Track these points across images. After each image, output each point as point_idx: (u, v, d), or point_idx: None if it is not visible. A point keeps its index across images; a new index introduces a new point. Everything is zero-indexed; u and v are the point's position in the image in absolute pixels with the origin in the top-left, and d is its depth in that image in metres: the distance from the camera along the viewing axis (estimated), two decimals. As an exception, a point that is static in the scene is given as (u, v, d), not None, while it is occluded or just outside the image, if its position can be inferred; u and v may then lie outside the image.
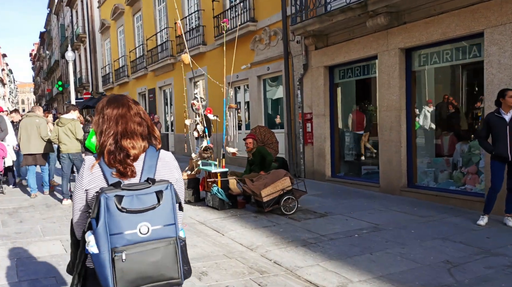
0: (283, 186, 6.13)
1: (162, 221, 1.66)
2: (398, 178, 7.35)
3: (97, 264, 1.60)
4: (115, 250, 1.58)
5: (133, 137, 1.78)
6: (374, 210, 6.31)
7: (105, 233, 1.59)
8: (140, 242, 1.61)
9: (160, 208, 1.66)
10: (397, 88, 7.26)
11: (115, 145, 1.76)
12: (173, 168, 1.89)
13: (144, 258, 1.60)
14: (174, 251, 1.66)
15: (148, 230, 1.62)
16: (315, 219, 5.86)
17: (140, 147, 1.79)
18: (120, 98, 1.89)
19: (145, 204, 1.65)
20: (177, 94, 16.82)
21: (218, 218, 6.13)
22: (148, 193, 1.67)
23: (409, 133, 7.29)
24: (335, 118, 9.21)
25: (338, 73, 9.01)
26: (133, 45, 21.37)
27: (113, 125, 1.80)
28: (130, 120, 1.81)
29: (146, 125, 1.85)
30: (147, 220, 1.63)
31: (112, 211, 1.60)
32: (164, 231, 1.66)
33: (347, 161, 9.47)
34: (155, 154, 1.83)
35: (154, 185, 1.70)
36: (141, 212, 1.63)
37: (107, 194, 1.62)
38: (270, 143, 7.41)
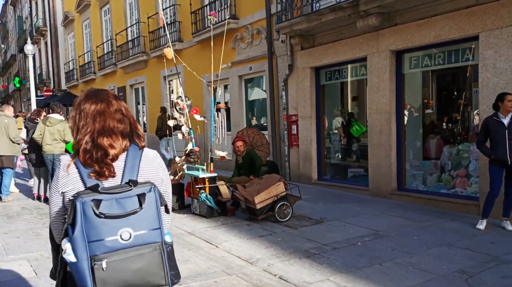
0: (276, 192, 5.87)
1: (145, 226, 1.56)
2: (388, 181, 7.26)
3: (75, 273, 1.50)
4: (95, 258, 1.48)
5: (111, 135, 1.67)
6: (369, 215, 6.16)
7: (82, 240, 1.49)
8: (122, 248, 1.51)
9: (142, 212, 1.56)
10: (387, 91, 7.16)
11: (92, 144, 1.65)
12: (158, 168, 1.77)
13: (126, 266, 1.51)
14: (160, 256, 1.57)
15: (130, 236, 1.53)
16: (311, 226, 5.63)
17: (120, 146, 1.67)
18: (99, 93, 1.77)
19: (126, 208, 1.54)
20: (150, 93, 16.20)
21: (208, 227, 5.78)
22: (129, 196, 1.56)
23: (399, 136, 7.22)
24: (321, 120, 9.04)
25: (325, 74, 8.85)
26: (101, 40, 20.43)
27: (90, 122, 1.67)
28: (109, 117, 1.70)
29: (129, 123, 1.74)
30: (129, 225, 1.53)
31: (90, 217, 1.50)
32: (149, 236, 1.56)
33: (333, 164, 9.33)
34: (138, 153, 1.72)
35: (136, 187, 1.59)
36: (122, 217, 1.53)
37: (83, 198, 1.51)
38: (260, 145, 7.12)
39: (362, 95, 8.83)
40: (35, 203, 7.77)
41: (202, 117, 6.48)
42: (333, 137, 9.27)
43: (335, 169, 9.34)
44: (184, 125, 6.47)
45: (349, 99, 9.33)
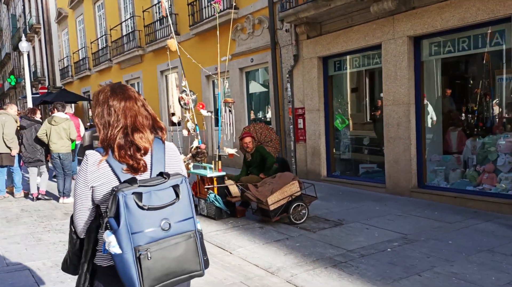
0: (291, 191, 5.36)
1: (181, 216, 1.63)
2: (407, 178, 6.76)
3: (120, 264, 1.53)
4: (139, 248, 1.53)
5: (143, 131, 1.72)
6: (392, 215, 5.66)
7: (127, 232, 1.53)
8: (162, 238, 1.57)
9: (178, 202, 1.62)
10: (405, 80, 6.64)
11: (125, 139, 1.69)
12: (179, 160, 1.86)
13: (167, 254, 1.57)
14: (195, 244, 1.64)
15: (170, 226, 1.59)
16: (331, 229, 5.13)
17: (149, 140, 1.74)
18: (125, 89, 1.80)
19: (163, 199, 1.60)
20: (146, 88, 15.63)
21: (218, 230, 5.26)
22: (165, 188, 1.62)
23: (418, 129, 6.71)
24: (330, 113, 8.53)
25: (333, 64, 8.32)
26: (95, 35, 19.82)
27: (121, 118, 1.71)
28: (138, 113, 1.75)
29: (152, 116, 1.80)
30: (167, 216, 1.60)
31: (132, 210, 1.54)
32: (184, 225, 1.63)
33: (342, 159, 8.82)
34: (162, 146, 1.79)
35: (169, 179, 1.64)
36: (161, 208, 1.59)
37: (124, 191, 1.55)
38: (269, 140, 6.59)
39: (375, 85, 8.32)
40: (34, 204, 7.39)
41: (209, 112, 5.95)
42: (342, 130, 8.76)
43: (345, 165, 8.84)
44: (189, 121, 5.94)
45: (361, 89, 8.78)
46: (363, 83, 8.61)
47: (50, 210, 6.86)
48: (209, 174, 5.64)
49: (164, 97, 14.74)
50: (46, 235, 5.38)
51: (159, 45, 13.88)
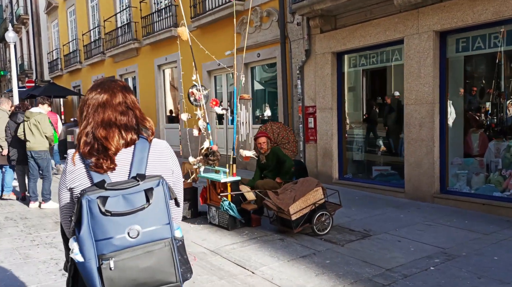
0: (314, 199, 4.89)
1: (154, 222, 1.49)
2: (430, 182, 6.34)
3: (83, 273, 1.45)
4: (103, 257, 1.42)
5: (109, 128, 1.60)
6: (420, 225, 5.23)
7: (89, 239, 1.43)
8: (130, 246, 1.44)
9: (151, 208, 1.49)
10: (429, 77, 6.21)
11: (92, 136, 1.60)
12: (167, 159, 1.69)
13: (135, 264, 1.44)
14: (170, 253, 1.50)
15: (138, 233, 1.46)
16: (359, 242, 4.67)
17: (123, 138, 1.61)
18: (106, 84, 1.70)
19: (133, 204, 1.48)
20: (142, 83, 15.01)
21: (235, 243, 4.78)
22: (136, 191, 1.49)
23: (442, 130, 6.29)
24: (343, 112, 8.07)
25: (348, 60, 7.86)
26: (87, 27, 19.07)
27: (91, 114, 1.63)
28: (110, 108, 1.63)
29: (134, 115, 1.67)
30: (137, 222, 1.46)
31: (96, 215, 1.44)
32: (157, 232, 1.49)
33: (354, 161, 8.39)
34: (146, 145, 1.65)
35: (143, 182, 1.52)
36: (129, 214, 1.46)
37: (89, 195, 1.45)
38: (286, 142, 6.10)
39: (393, 83, 7.89)
40: (20, 211, 6.74)
41: (224, 110, 5.43)
42: (355, 131, 8.32)
43: (357, 167, 8.41)
44: (201, 119, 5.41)
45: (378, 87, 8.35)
46: (380, 81, 8.17)
47: (38, 219, 6.21)
48: (223, 179, 5.13)
49: (161, 93, 14.15)
50: (35, 251, 4.72)
51: (156, 38, 13.28)
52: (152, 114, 14.31)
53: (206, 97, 5.70)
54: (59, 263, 4.26)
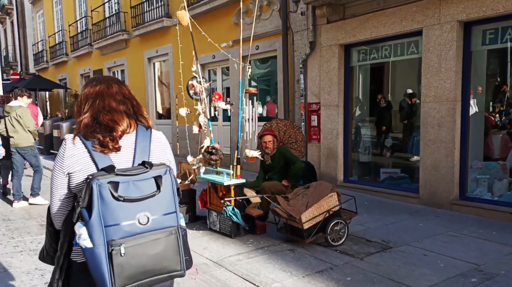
0: (328, 206, 4.31)
1: (162, 210, 1.50)
2: (448, 188, 5.81)
3: (91, 259, 1.41)
4: (112, 243, 1.41)
5: (113, 113, 1.61)
6: (443, 235, 4.69)
7: (99, 225, 1.41)
8: (139, 233, 1.44)
9: (159, 195, 1.50)
10: (452, 72, 5.68)
11: (93, 121, 1.60)
12: (166, 149, 1.74)
13: (144, 251, 1.44)
14: (176, 241, 1.51)
15: (148, 220, 1.46)
16: (380, 255, 4.10)
17: (126, 123, 1.62)
18: (100, 77, 1.74)
19: (143, 191, 1.48)
20: (131, 77, 14.26)
21: (240, 254, 4.16)
22: (146, 178, 1.50)
23: (464, 131, 5.77)
24: (350, 110, 7.52)
25: (357, 54, 7.29)
26: (74, 17, 18.23)
27: (90, 103, 1.64)
28: (109, 97, 1.65)
29: (132, 104, 1.69)
30: (146, 209, 1.47)
31: (107, 200, 1.42)
32: (165, 220, 1.50)
33: (361, 162, 7.84)
34: (147, 133, 1.68)
35: (152, 169, 1.52)
36: (140, 200, 1.46)
37: (99, 180, 1.43)
38: (293, 141, 5.50)
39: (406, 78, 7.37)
40: (2, 211, 6.16)
41: (228, 104, 4.80)
42: (363, 130, 7.77)
43: (363, 169, 7.87)
44: (201, 114, 4.78)
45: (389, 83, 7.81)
46: (392, 76, 7.63)
47: (22, 220, 5.61)
48: (226, 181, 4.51)
49: (151, 87, 13.45)
50: (17, 259, 4.15)
51: (147, 29, 12.58)
52: (142, 109, 13.59)
53: (208, 90, 5.08)
54: (44, 275, 3.65)
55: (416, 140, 7.12)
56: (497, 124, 6.38)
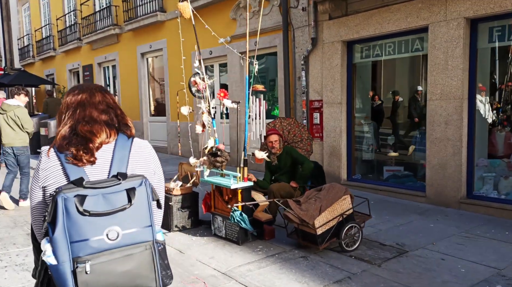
0: (342, 209, 4.18)
1: (135, 224, 1.41)
2: (456, 186, 5.73)
3: (56, 276, 1.34)
4: (78, 260, 1.33)
5: (92, 123, 1.55)
6: (456, 237, 4.60)
7: (64, 240, 1.34)
8: (108, 249, 1.35)
9: (132, 208, 1.40)
10: (459, 70, 5.57)
11: (71, 132, 1.54)
12: (149, 159, 1.63)
13: (113, 268, 1.35)
14: (151, 257, 1.42)
15: (118, 235, 1.37)
16: (397, 261, 3.99)
17: (105, 134, 1.55)
18: (84, 85, 1.69)
19: (114, 204, 1.39)
20: (123, 73, 13.94)
21: (250, 263, 4.01)
22: (117, 191, 1.41)
23: (471, 128, 5.68)
24: (353, 107, 7.38)
25: (360, 50, 7.15)
26: (62, 11, 17.74)
27: (70, 112, 1.59)
28: (90, 106, 1.60)
29: (115, 114, 1.64)
30: (116, 223, 1.38)
31: (73, 215, 1.34)
32: (139, 235, 1.41)
33: (364, 160, 7.73)
34: (127, 143, 1.59)
35: (125, 181, 1.43)
36: (109, 214, 1.37)
37: (65, 193, 1.36)
38: (299, 140, 5.35)
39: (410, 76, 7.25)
40: None
41: (235, 103, 4.61)
42: (365, 127, 7.66)
43: (366, 167, 7.77)
44: (205, 113, 4.59)
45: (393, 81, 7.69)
46: (395, 74, 7.51)
47: (7, 229, 5.21)
48: (233, 185, 4.34)
49: (145, 83, 13.16)
50: (2, 276, 3.78)
51: (140, 24, 12.27)
52: (135, 107, 13.31)
53: (212, 87, 4.88)
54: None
55: (419, 138, 7.04)
56: (501, 121, 6.32)
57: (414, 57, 6.61)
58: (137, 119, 13.28)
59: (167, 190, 5.02)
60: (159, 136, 12.62)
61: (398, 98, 8.20)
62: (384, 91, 7.83)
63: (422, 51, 6.23)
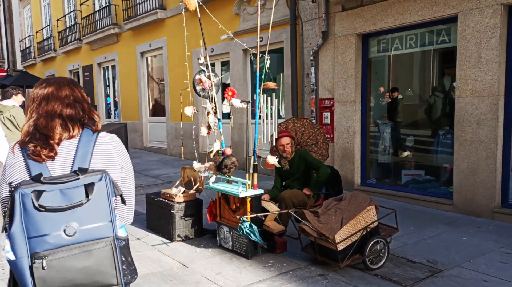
0: (366, 222, 3.59)
1: (93, 220, 1.40)
2: (489, 194, 5.12)
3: (15, 272, 1.36)
4: (35, 255, 1.33)
5: (53, 118, 1.53)
6: (497, 253, 3.99)
7: (22, 236, 1.34)
8: (66, 245, 1.35)
9: (91, 204, 1.39)
10: (494, 63, 4.97)
11: (34, 127, 1.54)
12: (115, 153, 1.60)
13: (72, 264, 1.34)
14: (111, 253, 1.40)
15: (76, 231, 1.36)
16: (431, 282, 3.38)
17: (67, 129, 1.53)
18: (52, 78, 1.66)
19: (71, 200, 1.38)
20: (123, 73, 13.43)
21: (261, 281, 3.42)
22: (76, 186, 1.40)
23: (507, 129, 5.07)
24: (368, 106, 6.80)
25: (377, 44, 6.57)
26: (62, 12, 17.32)
27: (35, 107, 1.58)
28: (55, 100, 1.58)
29: (81, 108, 1.61)
30: (74, 219, 1.37)
31: (29, 210, 1.34)
32: (97, 230, 1.40)
33: (379, 163, 7.13)
34: (92, 137, 1.56)
35: (85, 176, 1.42)
36: (66, 210, 1.36)
37: (23, 189, 1.36)
38: (313, 143, 4.76)
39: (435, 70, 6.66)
40: None
41: (244, 103, 4.03)
42: (381, 127, 7.06)
43: (381, 171, 7.17)
44: (211, 113, 4.02)
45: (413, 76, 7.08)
46: (417, 68, 6.92)
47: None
48: (242, 193, 3.75)
49: (144, 83, 12.63)
50: None
51: (139, 22, 11.77)
52: (134, 106, 12.79)
53: (218, 86, 4.32)
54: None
55: (442, 139, 6.44)
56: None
57: (439, 50, 6.01)
58: (136, 119, 12.76)
59: (169, 196, 4.47)
60: (158, 137, 12.08)
61: (428, 95, 7.52)
62: (403, 88, 7.22)
63: (449, 43, 5.64)
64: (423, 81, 6.94)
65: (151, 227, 4.82)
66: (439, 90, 6.61)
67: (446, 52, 5.83)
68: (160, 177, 8.29)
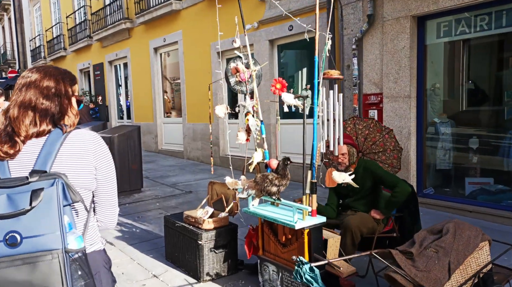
0: (477, 264, 2.54)
1: (40, 229, 1.23)
2: None
3: None
4: None
5: (26, 110, 1.41)
6: None
7: None
8: (8, 255, 1.21)
9: (38, 212, 1.23)
10: None
11: (5, 119, 1.43)
12: (87, 153, 1.43)
13: (13, 277, 1.20)
14: (58, 267, 1.23)
15: (18, 241, 1.21)
16: None
17: (35, 125, 1.40)
18: (44, 66, 1.52)
19: (17, 206, 1.23)
20: (135, 70, 12.53)
21: None
22: (25, 191, 1.26)
23: None
24: (424, 102, 5.73)
25: (437, 27, 5.48)
26: (72, 8, 16.54)
27: (16, 93, 1.46)
28: (33, 89, 1.44)
29: (59, 103, 1.45)
30: (19, 227, 1.22)
31: None
32: (43, 241, 1.23)
33: (438, 169, 6.04)
34: (59, 136, 1.41)
35: (37, 180, 1.27)
36: (9, 217, 1.22)
37: None
38: (380, 151, 3.72)
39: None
40: None
41: (297, 99, 3.00)
42: (440, 128, 5.97)
43: (441, 179, 6.08)
44: (250, 113, 3.02)
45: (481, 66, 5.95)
46: (486, 57, 5.80)
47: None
48: (298, 223, 2.73)
49: (158, 80, 11.72)
50: None
51: (153, 15, 10.85)
52: (148, 107, 11.89)
53: (259, 77, 3.33)
54: None
55: None
56: None
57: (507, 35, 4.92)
58: (150, 120, 11.87)
59: (195, 221, 3.49)
60: (174, 139, 11.15)
61: (499, 89, 6.44)
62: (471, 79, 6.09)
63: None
64: (494, 72, 5.81)
65: (171, 258, 3.84)
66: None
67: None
68: (178, 185, 7.34)
